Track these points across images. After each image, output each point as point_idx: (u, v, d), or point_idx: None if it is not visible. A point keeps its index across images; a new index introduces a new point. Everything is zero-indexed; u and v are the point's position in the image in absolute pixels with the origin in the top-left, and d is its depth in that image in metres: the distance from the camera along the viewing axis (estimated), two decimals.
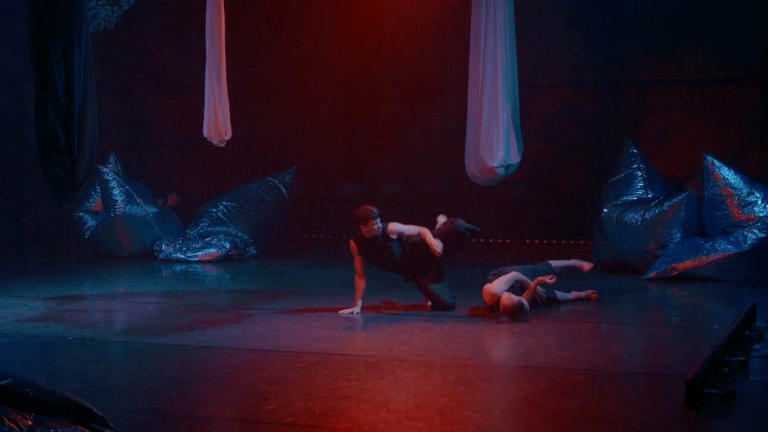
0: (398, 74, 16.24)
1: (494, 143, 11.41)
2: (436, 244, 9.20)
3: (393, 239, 9.28)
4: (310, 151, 16.72)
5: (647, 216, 11.97)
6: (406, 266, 9.47)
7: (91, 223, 14.32)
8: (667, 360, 7.02)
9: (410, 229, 9.38)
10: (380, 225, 9.14)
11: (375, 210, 9.11)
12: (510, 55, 11.51)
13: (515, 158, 11.55)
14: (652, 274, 11.47)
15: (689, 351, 7.19)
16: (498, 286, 9.06)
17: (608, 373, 6.70)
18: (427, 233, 9.29)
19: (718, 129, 14.81)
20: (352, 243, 9.27)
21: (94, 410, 4.45)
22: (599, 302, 10.15)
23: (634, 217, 12.07)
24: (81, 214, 14.40)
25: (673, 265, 11.39)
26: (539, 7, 14.87)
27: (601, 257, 12.37)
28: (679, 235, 11.73)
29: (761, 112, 14.74)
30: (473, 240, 15.51)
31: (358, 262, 9.27)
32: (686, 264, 11.34)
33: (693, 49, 14.83)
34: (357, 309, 9.22)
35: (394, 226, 9.30)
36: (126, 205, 14.05)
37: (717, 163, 11.65)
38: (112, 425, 4.49)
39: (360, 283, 9.29)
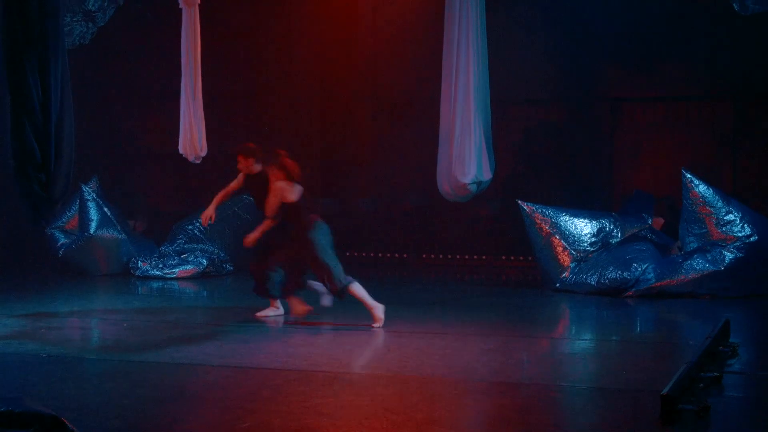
0: (373, 91, 16.28)
1: (466, 159, 11.45)
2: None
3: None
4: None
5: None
6: None
7: (63, 240, 14.22)
8: (642, 375, 7.05)
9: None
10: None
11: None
12: (482, 71, 11.58)
13: (487, 175, 11.60)
14: (630, 293, 11.48)
15: (664, 366, 7.22)
16: None
17: (583, 389, 6.73)
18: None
19: (690, 146, 14.94)
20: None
21: (66, 422, 4.40)
22: (575, 318, 10.18)
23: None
24: (53, 231, 14.30)
25: (652, 285, 11.40)
26: (513, 23, 14.96)
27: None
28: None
29: (732, 130, 14.87)
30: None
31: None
32: (664, 282, 11.35)
33: (666, 66, 14.95)
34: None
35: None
36: (101, 226, 13.97)
37: (695, 181, 11.69)
38: None
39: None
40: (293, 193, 9.18)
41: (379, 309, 9.16)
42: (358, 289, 9.21)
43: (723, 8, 12.70)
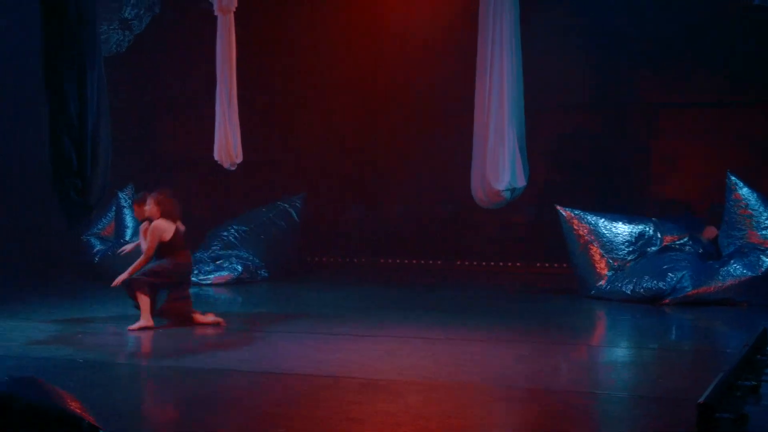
0: (405, 97, 16.27)
1: (500, 166, 11.43)
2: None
3: None
4: (318, 175, 16.73)
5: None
6: None
7: (99, 247, 14.32)
8: (679, 384, 6.99)
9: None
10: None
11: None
12: (517, 78, 11.54)
13: (521, 182, 11.55)
14: (666, 300, 11.35)
15: (700, 375, 7.14)
16: None
17: (619, 397, 6.67)
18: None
19: (727, 152, 14.77)
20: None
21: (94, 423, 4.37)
22: (611, 326, 10.09)
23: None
24: (89, 237, 14.41)
25: (688, 293, 11.26)
26: (548, 30, 14.90)
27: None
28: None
29: None
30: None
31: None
32: (701, 290, 11.20)
33: (702, 72, 14.82)
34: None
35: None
36: (136, 233, 14.03)
37: (740, 184, 11.57)
38: None
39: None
40: (169, 232, 9.67)
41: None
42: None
43: (759, 15, 12.58)
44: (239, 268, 13.94)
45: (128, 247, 10.65)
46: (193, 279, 13.65)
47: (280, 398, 6.52)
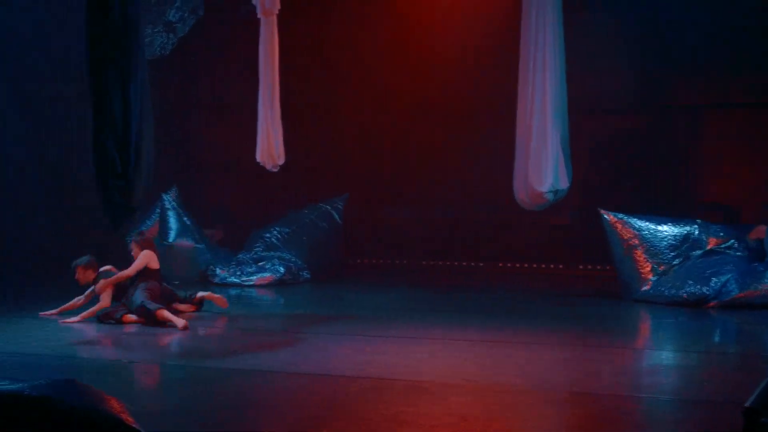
0: (446, 99, 16.25)
1: (543, 168, 11.37)
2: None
3: None
4: (359, 177, 16.75)
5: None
6: None
7: None
8: (724, 387, 6.91)
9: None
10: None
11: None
12: (559, 80, 11.48)
13: (564, 183, 11.49)
14: (712, 303, 11.22)
15: (746, 378, 7.07)
16: None
17: (663, 401, 6.62)
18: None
19: None
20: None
21: None
22: (655, 329, 10.00)
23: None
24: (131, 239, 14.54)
25: (735, 296, 11.13)
26: (590, 32, 14.81)
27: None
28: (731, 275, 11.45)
29: None
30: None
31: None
32: (748, 293, 11.07)
33: (745, 73, 14.67)
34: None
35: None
36: (179, 235, 14.18)
37: None
38: None
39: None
40: (156, 261, 10.69)
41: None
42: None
43: None
44: (281, 269, 13.99)
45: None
46: (235, 280, 13.81)
47: (323, 400, 6.54)
